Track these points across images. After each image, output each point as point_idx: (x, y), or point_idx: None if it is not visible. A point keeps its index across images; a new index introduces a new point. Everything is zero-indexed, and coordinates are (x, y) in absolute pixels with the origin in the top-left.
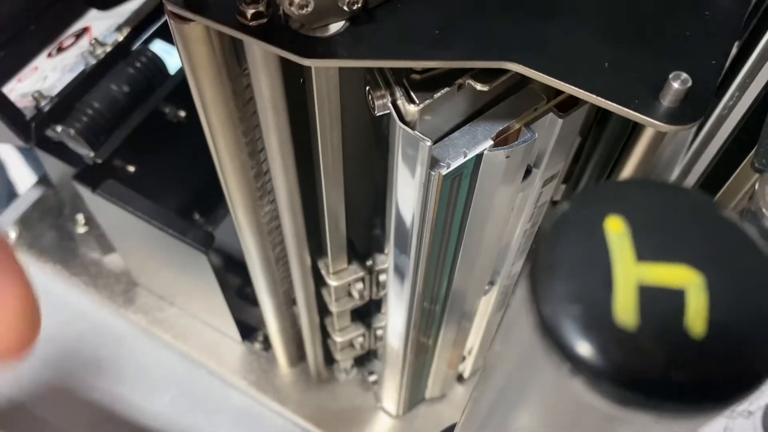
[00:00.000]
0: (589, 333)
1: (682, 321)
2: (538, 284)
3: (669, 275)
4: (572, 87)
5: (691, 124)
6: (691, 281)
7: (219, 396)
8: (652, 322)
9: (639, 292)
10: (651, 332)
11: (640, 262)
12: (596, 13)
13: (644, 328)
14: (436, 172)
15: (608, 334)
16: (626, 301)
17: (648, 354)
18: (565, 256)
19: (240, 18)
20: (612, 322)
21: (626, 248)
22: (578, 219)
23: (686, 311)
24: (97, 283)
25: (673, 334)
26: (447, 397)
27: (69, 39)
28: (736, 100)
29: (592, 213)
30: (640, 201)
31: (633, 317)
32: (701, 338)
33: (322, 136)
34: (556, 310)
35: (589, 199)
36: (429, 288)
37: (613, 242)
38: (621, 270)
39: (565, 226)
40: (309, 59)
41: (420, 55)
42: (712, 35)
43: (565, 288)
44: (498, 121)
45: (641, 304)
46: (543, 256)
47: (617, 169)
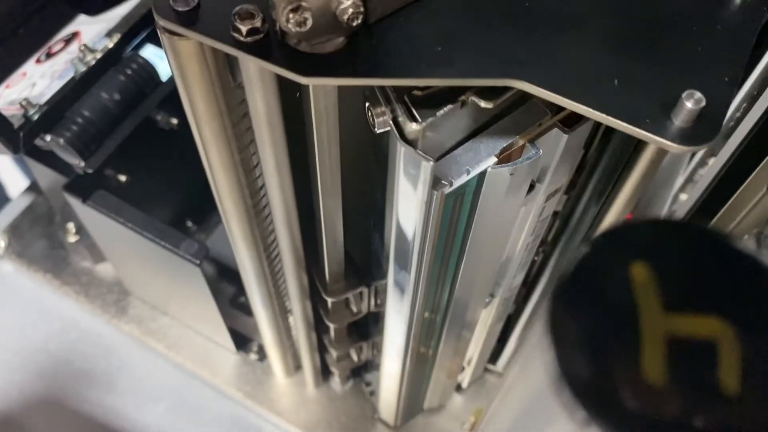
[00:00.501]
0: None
1: (715, 375)
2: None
3: (699, 327)
4: (581, 106)
5: (705, 145)
6: (722, 333)
7: (213, 407)
8: (681, 377)
9: (667, 346)
10: (681, 388)
11: (668, 313)
12: (604, 28)
13: (673, 383)
14: (438, 190)
15: (634, 390)
16: (654, 355)
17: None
18: (588, 305)
19: (235, 34)
20: (639, 377)
21: (652, 298)
22: (601, 265)
23: (719, 365)
24: (89, 292)
25: (705, 390)
26: (446, 408)
27: (58, 44)
28: (744, 111)
29: (614, 258)
30: (662, 244)
31: (661, 372)
32: (735, 393)
33: (319, 153)
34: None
35: (610, 242)
36: (429, 301)
37: (638, 292)
38: (648, 322)
39: (589, 272)
40: (307, 77)
41: (422, 73)
42: (724, 51)
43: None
44: (501, 137)
45: (670, 358)
46: (565, 301)
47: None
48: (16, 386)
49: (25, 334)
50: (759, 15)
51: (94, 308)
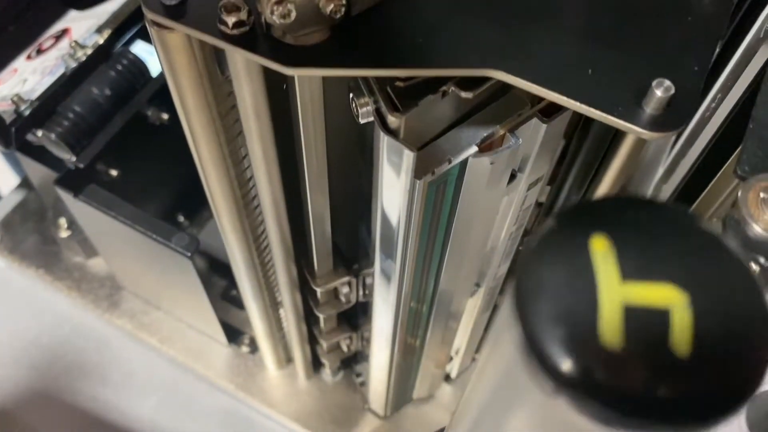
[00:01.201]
0: (574, 354)
1: (668, 340)
2: (523, 304)
3: (654, 295)
4: (556, 94)
5: (674, 131)
6: (676, 300)
7: (206, 399)
8: (637, 342)
9: (624, 312)
10: (636, 352)
11: (625, 281)
12: (580, 18)
13: (629, 348)
14: (420, 179)
15: (593, 355)
16: (611, 321)
17: (633, 374)
18: (549, 275)
19: (221, 26)
20: (597, 342)
21: (611, 268)
22: (562, 238)
23: (671, 331)
24: (81, 287)
25: (658, 354)
26: (435, 398)
27: (49, 40)
28: (718, 102)
29: (576, 232)
30: (623, 218)
31: (618, 337)
32: (686, 357)
33: (306, 143)
34: (541, 331)
35: (573, 217)
36: (415, 290)
37: (597, 262)
38: (606, 290)
39: (550, 245)
40: (292, 68)
41: (404, 64)
42: (695, 41)
43: (549, 308)
44: (482, 127)
45: (626, 324)
46: (527, 275)
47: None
48: (9, 381)
49: (18, 329)
50: (728, 6)
51: (86, 303)
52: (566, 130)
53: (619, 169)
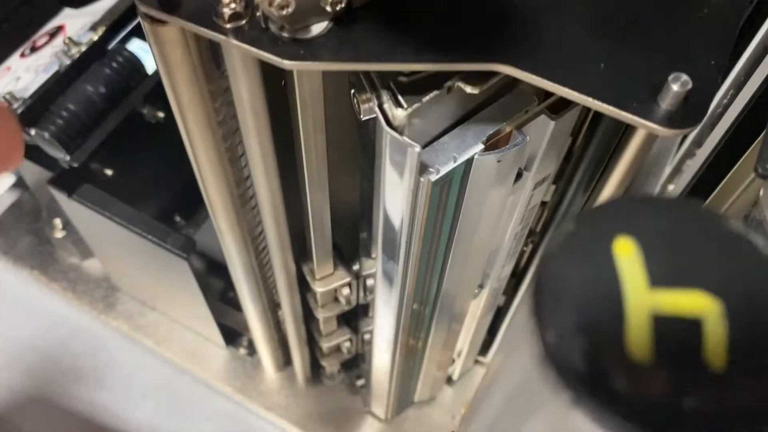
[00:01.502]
0: (598, 367)
1: (701, 353)
2: (542, 313)
3: (685, 303)
4: (567, 90)
5: (692, 128)
6: (709, 309)
7: (203, 402)
8: (667, 354)
9: (653, 323)
10: (667, 365)
11: (653, 288)
12: (590, 12)
13: (659, 361)
14: (425, 178)
15: (619, 368)
16: (639, 332)
17: (664, 389)
18: (571, 281)
19: (217, 19)
20: (624, 355)
21: (638, 274)
22: (585, 241)
23: (704, 342)
24: (77, 288)
25: (690, 367)
26: (436, 400)
27: (43, 38)
28: (731, 98)
29: (599, 234)
30: (647, 219)
31: (647, 349)
32: (721, 371)
33: (305, 141)
34: (562, 342)
35: (596, 218)
36: (418, 292)
37: (623, 267)
38: (633, 299)
39: (572, 249)
40: (290, 62)
41: (407, 58)
42: (711, 34)
43: (571, 318)
44: (488, 124)
45: (655, 335)
46: (547, 281)
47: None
48: (4, 384)
49: (13, 331)
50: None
51: (82, 304)
52: (573, 127)
53: (627, 166)
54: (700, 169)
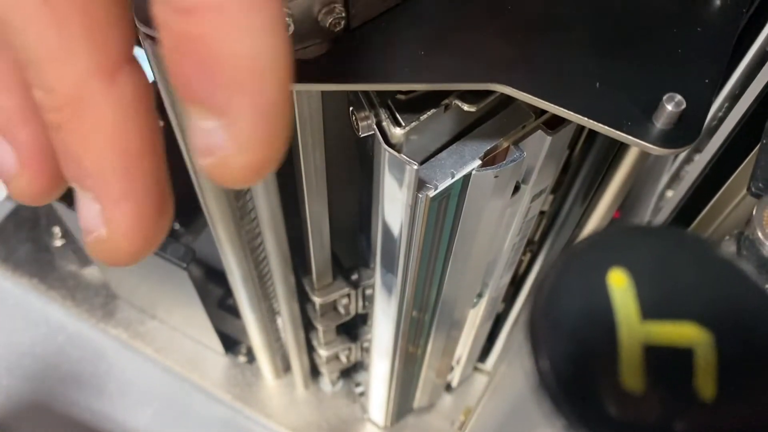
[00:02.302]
0: (591, 396)
1: (691, 382)
2: (538, 341)
3: (675, 334)
4: (563, 109)
5: (686, 147)
6: (699, 340)
7: (203, 410)
8: (659, 383)
9: (645, 353)
10: (658, 394)
11: (645, 320)
12: (586, 31)
13: (651, 389)
14: (423, 194)
15: (612, 397)
16: (632, 362)
17: (655, 417)
18: (566, 312)
19: None
20: (616, 384)
21: (630, 305)
22: (579, 271)
23: (695, 371)
24: (76, 296)
25: (681, 396)
26: (435, 407)
27: None
28: (726, 111)
29: (594, 265)
30: (640, 250)
31: (639, 379)
32: (711, 399)
33: (304, 157)
34: (557, 371)
35: (590, 249)
36: (417, 301)
37: (616, 299)
38: (626, 329)
39: (566, 279)
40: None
41: (405, 78)
42: (705, 53)
43: (566, 347)
44: (485, 140)
45: (647, 365)
46: (542, 310)
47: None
48: (3, 391)
49: (12, 338)
50: (738, 16)
51: (80, 312)
52: (571, 139)
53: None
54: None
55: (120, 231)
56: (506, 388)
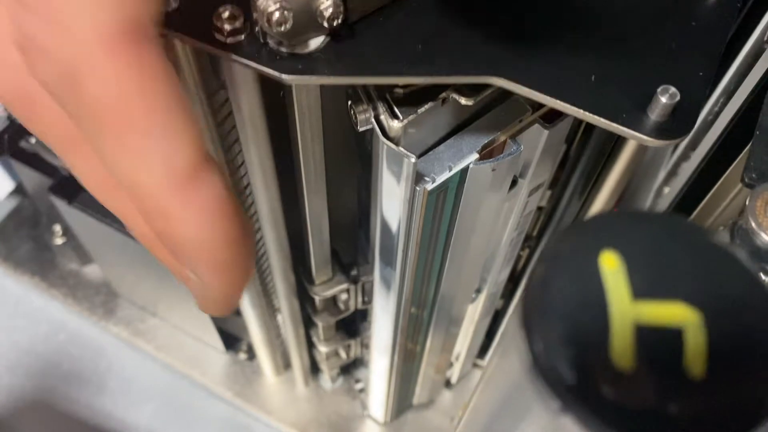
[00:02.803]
0: (583, 374)
1: (681, 360)
2: (531, 323)
3: (666, 314)
4: (559, 102)
5: (680, 139)
6: (689, 319)
7: (203, 407)
8: (649, 362)
9: (635, 332)
10: (648, 372)
11: (636, 300)
12: (582, 24)
13: (641, 368)
14: (421, 187)
15: (604, 375)
16: (623, 341)
17: (646, 394)
18: (558, 294)
19: (216, 34)
20: (608, 362)
21: (621, 286)
22: (571, 254)
23: (685, 351)
24: (77, 294)
25: (671, 374)
26: (435, 403)
27: None
28: (721, 106)
29: (586, 248)
30: (632, 234)
31: (630, 357)
32: (701, 378)
33: (303, 151)
34: (549, 351)
35: (582, 233)
36: (415, 296)
37: (607, 280)
38: (617, 310)
39: (559, 262)
40: (289, 76)
41: (402, 71)
42: (699, 46)
43: (558, 328)
44: (483, 134)
45: (638, 344)
46: (536, 293)
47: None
48: (4, 389)
49: (13, 337)
50: (733, 11)
51: (81, 310)
52: (568, 134)
53: (622, 171)
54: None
55: (217, 297)
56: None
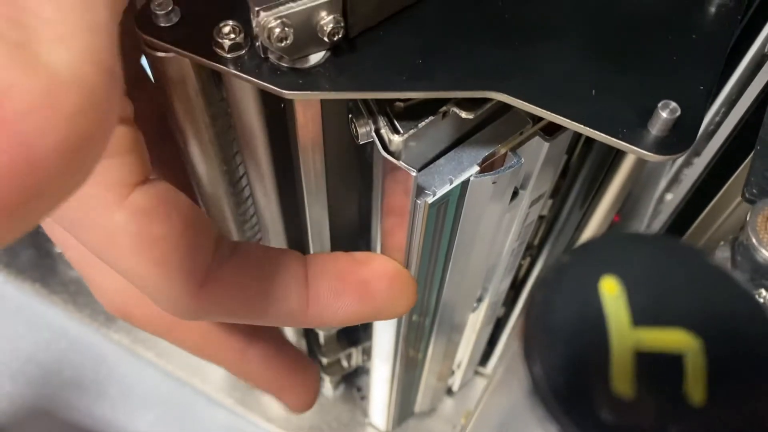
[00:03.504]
0: (583, 401)
1: (681, 387)
2: (532, 347)
3: (665, 340)
4: (558, 117)
5: (680, 154)
6: (688, 345)
7: (204, 415)
8: (649, 388)
9: (635, 359)
10: (648, 399)
11: (636, 326)
12: (582, 39)
13: (641, 395)
14: (421, 200)
15: (604, 402)
16: (623, 367)
17: (645, 421)
18: (559, 318)
19: (217, 50)
20: (608, 389)
21: (622, 312)
22: (572, 279)
23: (685, 377)
24: (77, 301)
25: (671, 401)
26: (437, 411)
27: None
28: (722, 116)
29: (587, 272)
30: (632, 257)
31: (630, 384)
32: (701, 404)
33: (304, 163)
34: (550, 377)
35: (583, 256)
36: (417, 305)
37: (608, 306)
38: (617, 336)
39: (559, 286)
40: (289, 92)
41: (403, 86)
42: (699, 60)
43: (558, 354)
44: (483, 147)
45: (638, 371)
46: (537, 317)
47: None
48: (5, 396)
49: (14, 344)
50: (734, 23)
51: (82, 317)
52: (569, 145)
53: (622, 181)
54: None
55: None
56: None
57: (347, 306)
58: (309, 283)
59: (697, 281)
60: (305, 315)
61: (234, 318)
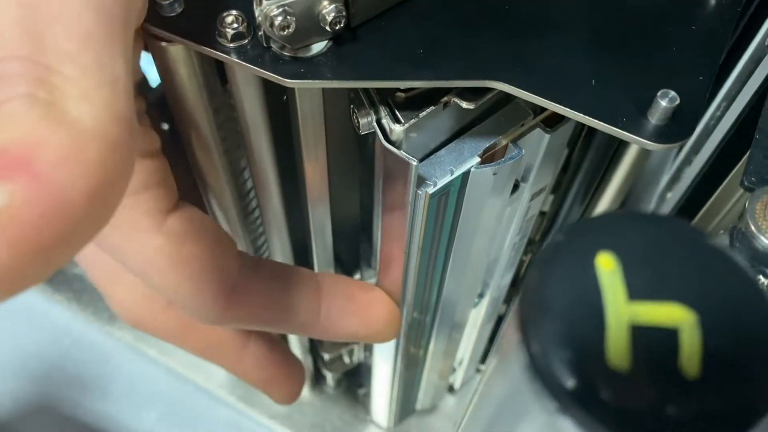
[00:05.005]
0: (580, 374)
1: (677, 361)
2: (528, 324)
3: (661, 314)
4: (559, 106)
5: (680, 142)
6: (684, 320)
7: (208, 412)
8: (645, 362)
9: (631, 333)
10: (644, 372)
11: (632, 301)
12: (582, 29)
13: (637, 368)
14: (422, 190)
15: (600, 375)
16: (618, 341)
17: (641, 394)
18: (555, 294)
19: (220, 39)
20: (604, 363)
21: (617, 287)
22: (568, 255)
23: (680, 351)
24: (81, 298)
25: (666, 374)
26: (438, 408)
27: None
28: (723, 110)
29: (582, 249)
30: (629, 234)
31: (625, 358)
32: (696, 378)
33: (306, 154)
34: (546, 352)
35: (578, 234)
36: (417, 300)
37: (604, 281)
38: (613, 310)
39: (555, 263)
40: (291, 81)
41: (404, 75)
42: (699, 50)
43: (555, 329)
44: (484, 138)
45: (634, 345)
46: (532, 294)
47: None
48: (9, 394)
49: (18, 341)
50: (733, 15)
51: (86, 315)
52: (570, 139)
53: (623, 177)
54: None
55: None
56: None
57: (351, 325)
58: (321, 300)
59: (695, 258)
60: (316, 327)
61: (253, 326)
